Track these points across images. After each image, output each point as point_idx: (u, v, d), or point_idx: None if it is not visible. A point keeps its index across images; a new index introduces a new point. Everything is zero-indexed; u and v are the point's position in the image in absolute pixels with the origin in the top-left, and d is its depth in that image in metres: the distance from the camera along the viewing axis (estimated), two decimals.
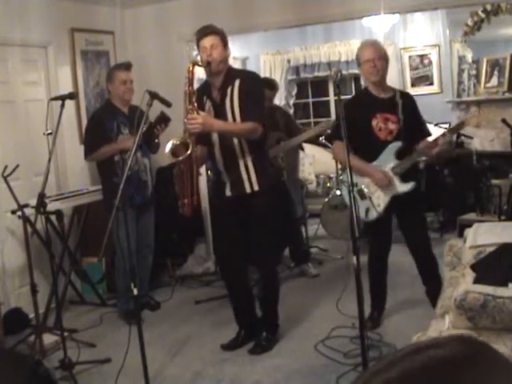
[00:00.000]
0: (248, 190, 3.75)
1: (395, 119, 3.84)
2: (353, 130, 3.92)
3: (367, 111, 3.88)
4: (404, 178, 3.86)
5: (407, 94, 4.17)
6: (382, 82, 3.91)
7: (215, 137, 3.74)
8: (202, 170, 5.97)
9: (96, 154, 4.59)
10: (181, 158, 3.54)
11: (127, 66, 4.71)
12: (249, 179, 3.74)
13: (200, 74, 5.00)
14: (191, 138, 3.53)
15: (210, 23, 3.76)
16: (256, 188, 3.75)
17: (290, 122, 5.49)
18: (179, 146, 3.54)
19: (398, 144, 3.82)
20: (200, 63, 3.65)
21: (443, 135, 3.82)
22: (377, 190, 3.91)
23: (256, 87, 3.78)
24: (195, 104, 3.57)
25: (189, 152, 3.52)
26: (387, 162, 3.86)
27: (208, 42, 3.62)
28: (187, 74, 3.58)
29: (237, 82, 3.69)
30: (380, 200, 3.92)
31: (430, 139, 3.93)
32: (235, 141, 3.70)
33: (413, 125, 3.86)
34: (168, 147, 3.55)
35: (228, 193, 3.81)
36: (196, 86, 3.79)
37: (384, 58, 3.86)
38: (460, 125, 3.95)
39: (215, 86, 3.74)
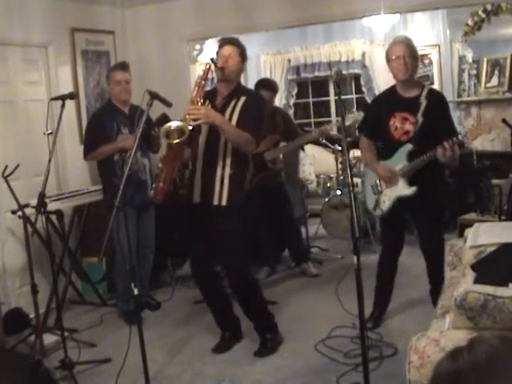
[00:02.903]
0: (215, 201, 3.72)
1: (413, 120, 3.77)
2: (375, 128, 3.94)
3: (387, 110, 3.86)
4: (417, 182, 3.80)
5: (436, 93, 3.98)
6: (410, 81, 3.81)
7: (202, 140, 3.75)
8: None
9: (95, 153, 4.59)
10: (171, 142, 3.46)
11: (123, 66, 4.69)
12: (220, 192, 3.71)
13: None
14: (188, 128, 3.46)
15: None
16: (223, 203, 3.71)
17: (288, 126, 5.42)
18: (175, 131, 3.48)
19: (408, 146, 3.78)
20: (217, 64, 3.70)
21: (441, 144, 3.61)
22: (385, 188, 3.94)
23: (259, 109, 3.81)
24: (201, 99, 3.60)
25: (177, 141, 3.44)
26: (398, 162, 3.85)
27: (227, 50, 3.72)
28: (204, 69, 3.65)
29: (242, 99, 3.73)
30: (386, 198, 3.95)
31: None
32: (220, 149, 3.70)
33: (436, 126, 3.71)
34: (168, 124, 3.48)
35: (196, 199, 3.78)
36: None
37: (414, 56, 3.78)
38: (462, 141, 3.77)
39: (221, 93, 3.78)
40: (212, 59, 3.68)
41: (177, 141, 3.45)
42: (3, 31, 4.64)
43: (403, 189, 3.85)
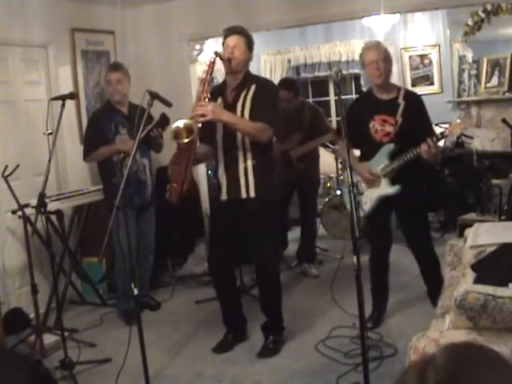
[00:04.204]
0: (244, 195, 3.70)
1: (393, 121, 3.83)
2: (353, 131, 3.99)
3: (366, 113, 3.91)
4: (399, 180, 3.84)
5: (412, 94, 4.05)
6: (386, 84, 3.88)
7: (219, 136, 3.72)
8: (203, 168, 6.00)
9: (94, 154, 4.60)
10: (181, 142, 3.43)
11: (115, 67, 4.67)
12: (246, 184, 3.69)
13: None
14: (197, 125, 3.42)
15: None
16: (252, 195, 3.69)
17: (317, 121, 5.38)
18: (183, 131, 3.44)
19: (390, 146, 3.84)
20: (222, 57, 3.64)
21: (425, 142, 3.65)
22: (367, 188, 3.98)
23: (271, 94, 3.77)
24: (208, 94, 3.56)
25: (187, 140, 3.41)
26: (379, 163, 3.90)
27: (232, 40, 3.67)
28: (209, 63, 3.60)
29: (253, 87, 3.69)
30: (367, 199, 3.99)
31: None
32: (239, 143, 3.67)
33: (415, 126, 3.79)
34: (175, 124, 3.45)
35: (223, 197, 3.78)
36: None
37: (387, 60, 3.84)
38: (443, 134, 3.78)
39: (230, 85, 3.74)
40: (216, 52, 3.60)
41: (186, 140, 3.43)
42: (3, 31, 4.64)
43: (386, 188, 3.90)
